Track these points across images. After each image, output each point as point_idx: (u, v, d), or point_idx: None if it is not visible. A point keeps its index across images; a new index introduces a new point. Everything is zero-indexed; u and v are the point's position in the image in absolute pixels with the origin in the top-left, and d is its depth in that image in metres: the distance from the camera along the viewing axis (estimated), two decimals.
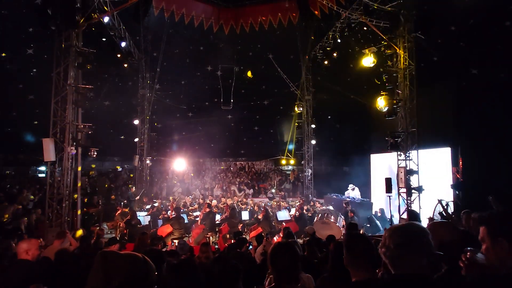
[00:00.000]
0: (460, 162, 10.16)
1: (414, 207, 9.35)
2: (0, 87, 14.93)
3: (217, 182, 18.27)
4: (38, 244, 3.53)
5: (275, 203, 13.72)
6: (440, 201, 8.30)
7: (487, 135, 9.70)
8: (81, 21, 8.50)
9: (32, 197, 11.35)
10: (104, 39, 11.83)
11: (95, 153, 9.00)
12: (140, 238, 5.42)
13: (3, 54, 13.99)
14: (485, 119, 9.95)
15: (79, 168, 8.87)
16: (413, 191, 9.33)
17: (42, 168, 17.11)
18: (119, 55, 13.16)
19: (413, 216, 6.77)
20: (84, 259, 4.33)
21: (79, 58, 8.50)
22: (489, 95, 10.09)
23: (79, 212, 8.84)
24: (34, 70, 15.51)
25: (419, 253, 1.51)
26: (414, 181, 9.39)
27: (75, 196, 8.75)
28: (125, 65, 14.11)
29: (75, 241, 5.80)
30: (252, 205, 12.90)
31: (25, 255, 3.37)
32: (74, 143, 8.36)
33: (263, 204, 13.06)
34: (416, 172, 9.38)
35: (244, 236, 7.68)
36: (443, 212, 8.02)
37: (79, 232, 3.51)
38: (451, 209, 8.51)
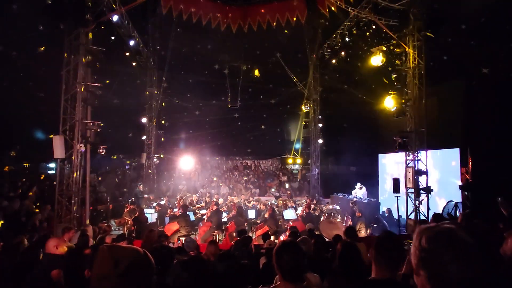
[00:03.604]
0: (470, 163, 10.02)
1: (423, 208, 9.26)
2: (11, 85, 15.18)
3: (224, 181, 18.32)
4: (66, 242, 4.02)
5: (281, 202, 13.71)
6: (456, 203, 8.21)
7: (497, 135, 9.55)
8: (91, 19, 8.60)
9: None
10: (113, 38, 11.94)
11: (104, 150, 9.11)
12: (147, 236, 5.49)
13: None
14: (496, 119, 9.79)
15: (88, 165, 8.98)
16: (421, 191, 9.23)
17: (52, 165, 17.36)
18: (127, 54, 13.29)
19: (439, 220, 6.50)
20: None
21: (88, 56, 8.61)
22: (499, 94, 9.92)
23: (88, 208, 8.95)
24: (44, 68, 15.71)
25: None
26: (422, 181, 9.29)
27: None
28: (134, 64, 14.24)
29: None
30: (257, 204, 12.90)
31: (54, 249, 3.79)
32: (83, 141, 8.47)
33: (269, 203, 13.06)
34: (425, 173, 9.28)
35: (249, 235, 7.69)
36: (452, 214, 7.94)
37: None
38: (459, 210, 8.42)
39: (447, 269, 1.09)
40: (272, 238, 8.54)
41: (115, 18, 10.64)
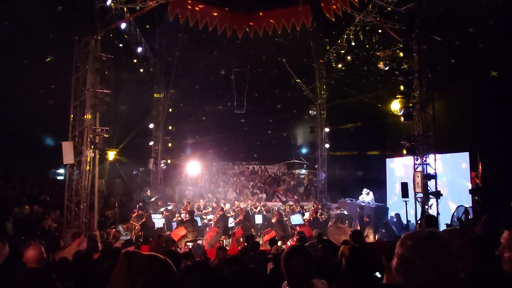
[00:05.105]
0: (480, 167, 9.87)
1: (432, 212, 9.13)
2: (22, 93, 15.47)
3: (230, 186, 18.32)
4: (41, 249, 3.42)
5: (288, 207, 13.65)
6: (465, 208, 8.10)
7: (507, 138, 9.41)
8: (100, 27, 8.75)
9: None
10: (121, 45, 12.13)
11: (112, 156, 9.21)
12: (156, 241, 5.52)
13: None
14: (505, 122, 9.66)
15: (97, 171, 9.07)
16: (430, 196, 9.11)
17: (61, 171, 17.57)
18: (135, 60, 13.47)
19: (431, 222, 6.48)
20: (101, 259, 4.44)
21: (97, 63, 8.74)
22: (508, 97, 9.79)
23: (96, 214, 9.02)
24: (54, 75, 16.00)
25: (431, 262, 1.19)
26: (431, 186, 9.17)
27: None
28: (141, 70, 14.42)
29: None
30: (264, 209, 12.85)
31: (34, 263, 3.29)
32: (92, 146, 8.57)
33: (276, 208, 13.01)
34: (434, 177, 9.16)
35: (256, 240, 7.67)
36: (462, 218, 7.81)
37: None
38: (470, 215, 8.28)
39: (420, 276, 1.17)
40: (279, 243, 8.50)
41: (123, 25, 10.83)
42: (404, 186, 9.38)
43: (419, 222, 9.26)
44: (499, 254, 1.55)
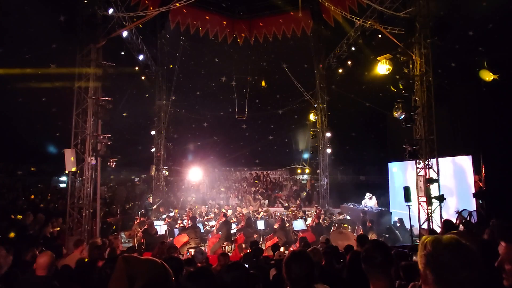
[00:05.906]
0: (483, 170, 9.83)
1: (435, 217, 9.08)
2: (25, 101, 15.60)
3: (232, 192, 18.29)
4: (53, 256, 3.45)
5: (290, 212, 13.59)
6: (459, 212, 8.04)
7: (509, 141, 9.37)
8: (102, 36, 8.84)
9: None
10: (122, 53, 12.24)
11: (114, 163, 9.23)
12: (159, 247, 5.51)
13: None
14: (507, 125, 9.63)
15: (99, 178, 9.08)
16: (433, 200, 9.06)
17: (64, 178, 17.61)
18: (136, 68, 13.58)
19: (448, 225, 6.12)
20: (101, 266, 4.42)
21: (99, 71, 8.82)
22: (510, 100, 9.77)
23: (98, 221, 9.01)
24: (57, 84, 16.15)
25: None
26: (434, 190, 9.12)
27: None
28: (143, 77, 14.53)
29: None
30: (266, 215, 12.81)
31: (45, 271, 3.29)
32: (94, 154, 8.60)
33: (278, 214, 12.96)
34: (437, 181, 9.12)
35: (260, 246, 7.63)
36: (466, 223, 7.75)
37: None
38: (474, 219, 8.22)
39: (450, 270, 1.19)
40: (282, 249, 8.45)
41: (124, 33, 10.93)
42: (407, 190, 9.33)
43: (422, 226, 9.20)
44: (498, 266, 1.52)
